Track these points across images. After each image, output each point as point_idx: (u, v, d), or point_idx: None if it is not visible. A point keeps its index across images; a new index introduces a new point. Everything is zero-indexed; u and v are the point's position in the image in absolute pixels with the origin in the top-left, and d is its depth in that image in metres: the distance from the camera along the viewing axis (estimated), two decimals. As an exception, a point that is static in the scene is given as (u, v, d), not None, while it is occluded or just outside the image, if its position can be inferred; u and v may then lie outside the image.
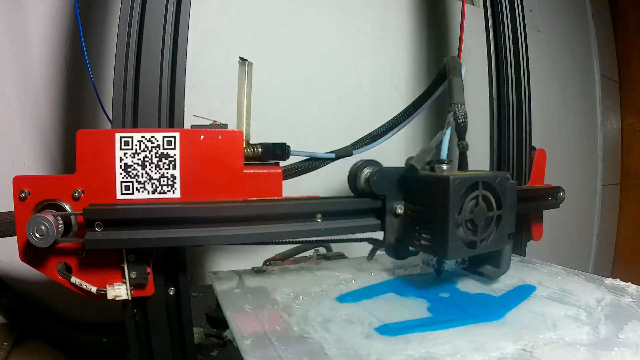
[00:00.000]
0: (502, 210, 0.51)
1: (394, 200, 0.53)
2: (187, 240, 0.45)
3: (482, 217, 0.49)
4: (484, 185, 0.49)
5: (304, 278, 0.60)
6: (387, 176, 0.53)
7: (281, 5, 1.00)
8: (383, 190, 0.53)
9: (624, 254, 1.97)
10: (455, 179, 0.46)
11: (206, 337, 0.68)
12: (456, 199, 0.47)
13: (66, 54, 0.80)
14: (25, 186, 0.44)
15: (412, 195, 0.53)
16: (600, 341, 0.40)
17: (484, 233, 0.50)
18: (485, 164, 0.89)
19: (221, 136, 0.49)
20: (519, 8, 0.86)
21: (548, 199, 0.79)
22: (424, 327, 0.43)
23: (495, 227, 0.51)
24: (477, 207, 0.49)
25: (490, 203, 0.50)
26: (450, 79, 0.57)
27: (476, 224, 0.49)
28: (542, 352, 0.38)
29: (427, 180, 0.50)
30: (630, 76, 1.95)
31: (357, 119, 1.06)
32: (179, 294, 0.51)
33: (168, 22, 0.51)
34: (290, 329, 0.43)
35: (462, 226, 0.48)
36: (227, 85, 0.66)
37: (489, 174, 0.51)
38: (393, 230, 0.54)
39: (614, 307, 0.48)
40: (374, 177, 0.52)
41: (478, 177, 0.49)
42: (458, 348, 0.38)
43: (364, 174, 0.54)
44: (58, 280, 0.46)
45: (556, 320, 0.45)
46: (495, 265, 0.55)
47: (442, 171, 0.51)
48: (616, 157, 1.98)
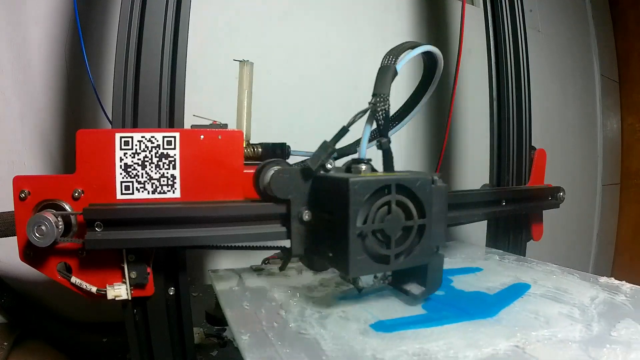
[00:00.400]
0: (426, 219, 0.43)
1: (301, 204, 0.46)
2: (187, 240, 0.45)
3: (397, 227, 0.42)
4: (398, 189, 0.42)
5: (302, 276, 0.61)
6: (293, 177, 0.46)
7: (281, 5, 1.00)
8: (287, 194, 0.46)
9: (624, 254, 1.97)
10: (357, 182, 0.40)
11: (206, 337, 0.68)
12: (358, 204, 0.40)
13: (66, 54, 0.80)
14: (25, 186, 0.44)
15: (318, 200, 0.46)
16: (593, 338, 0.40)
17: (401, 246, 0.43)
18: (486, 164, 0.89)
19: (221, 136, 0.49)
20: (519, 8, 0.86)
21: (548, 199, 0.79)
22: (418, 324, 0.43)
23: (417, 238, 0.44)
24: (390, 215, 0.42)
25: (409, 210, 0.43)
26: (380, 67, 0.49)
27: (388, 235, 0.42)
28: (535, 349, 0.38)
29: (328, 183, 0.44)
30: (630, 76, 1.95)
31: (357, 119, 1.06)
32: (179, 293, 0.51)
33: (168, 22, 0.51)
34: (288, 325, 0.43)
35: (368, 237, 0.41)
36: (227, 85, 0.66)
37: (406, 175, 0.43)
38: (301, 239, 0.47)
39: (607, 305, 0.49)
40: (275, 178, 0.45)
41: (389, 179, 0.41)
42: (451, 344, 0.39)
43: (268, 175, 0.47)
44: (58, 280, 0.46)
45: (549, 318, 0.45)
46: (422, 283, 0.48)
47: (358, 172, 0.45)
48: (616, 157, 1.98)
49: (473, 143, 1.27)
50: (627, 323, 0.43)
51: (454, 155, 1.26)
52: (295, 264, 0.67)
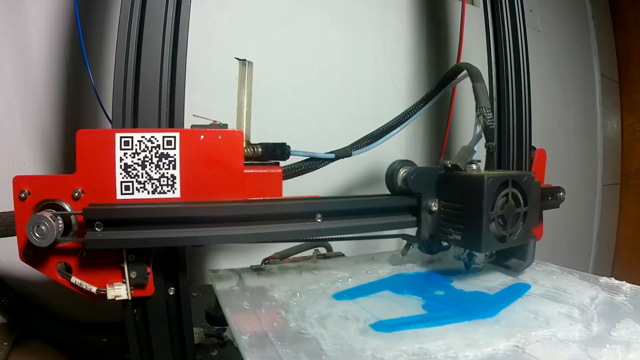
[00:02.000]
0: (528, 206, 0.55)
1: (429, 198, 0.57)
2: (187, 240, 0.45)
3: (511, 213, 0.53)
4: (513, 183, 0.53)
5: (302, 276, 0.61)
6: (423, 175, 0.57)
7: (281, 5, 1.00)
8: (419, 189, 0.56)
9: (624, 254, 1.97)
10: (489, 178, 0.50)
11: (206, 337, 0.68)
12: (489, 196, 0.50)
13: (66, 54, 0.80)
14: (25, 186, 0.44)
15: (446, 193, 0.56)
16: (592, 338, 0.40)
17: (513, 228, 0.54)
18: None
19: (221, 136, 0.49)
20: (519, 8, 0.86)
21: (548, 199, 0.79)
22: (418, 323, 0.44)
23: (522, 222, 0.55)
24: (507, 204, 0.53)
25: (518, 200, 0.54)
26: (474, 85, 0.61)
27: (506, 220, 0.53)
28: (534, 349, 0.38)
29: (463, 179, 0.54)
30: (630, 76, 1.94)
31: (357, 119, 1.07)
32: (179, 294, 0.51)
33: (168, 22, 0.51)
34: (288, 325, 0.43)
35: (494, 221, 0.52)
36: (227, 85, 0.66)
37: (517, 173, 0.55)
38: (427, 226, 0.57)
39: (607, 305, 0.49)
40: (411, 177, 0.56)
41: (508, 175, 0.53)
42: (451, 344, 0.39)
43: (401, 174, 0.58)
44: (58, 280, 0.46)
45: (549, 318, 0.45)
46: (521, 258, 0.59)
47: (473, 171, 0.55)
48: (616, 157, 1.98)
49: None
50: (627, 323, 0.43)
51: (454, 155, 1.26)
52: (296, 265, 0.67)
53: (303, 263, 0.69)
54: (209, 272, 0.63)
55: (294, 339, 0.40)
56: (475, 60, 1.11)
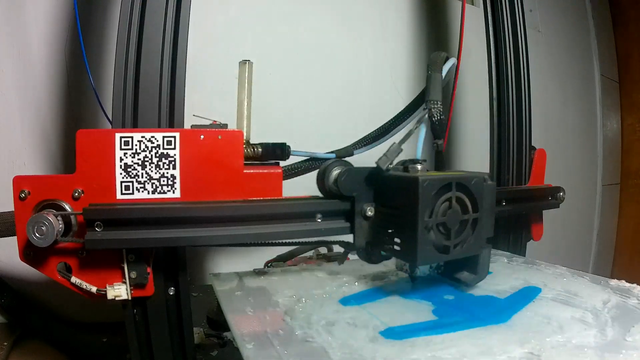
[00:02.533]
0: (479, 213, 0.48)
1: (364, 201, 0.51)
2: (187, 240, 0.45)
3: (456, 221, 0.47)
4: (457, 186, 0.47)
5: (306, 280, 0.59)
6: (357, 177, 0.50)
7: (281, 5, 1.00)
8: (352, 192, 0.50)
9: (624, 254, 1.97)
10: (425, 180, 0.44)
11: (206, 337, 0.68)
12: (426, 200, 0.44)
13: (66, 54, 0.80)
14: (25, 186, 0.44)
15: (382, 197, 0.50)
16: (608, 344, 0.40)
17: (458, 237, 0.47)
18: (486, 163, 0.89)
19: (221, 136, 0.49)
20: (519, 8, 0.86)
21: (548, 199, 0.79)
22: (429, 330, 0.42)
23: (471, 231, 0.48)
24: (450, 209, 0.46)
25: (466, 205, 0.48)
26: (428, 75, 0.55)
27: (449, 228, 0.46)
28: (550, 356, 0.37)
29: (397, 181, 0.48)
30: (630, 76, 1.94)
31: (357, 119, 1.06)
32: (179, 294, 0.51)
33: (168, 22, 0.51)
34: (293, 332, 0.42)
35: (433, 230, 0.45)
36: (227, 85, 0.66)
37: (464, 174, 0.48)
38: (363, 233, 0.51)
39: (620, 309, 0.48)
40: (342, 178, 0.49)
41: (451, 177, 0.46)
42: (464, 352, 0.38)
43: (333, 175, 0.51)
44: (58, 280, 0.46)
45: (563, 323, 0.44)
46: (473, 271, 0.52)
47: (416, 171, 0.48)
48: (616, 157, 1.98)
49: (473, 143, 1.27)
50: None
51: (454, 155, 1.26)
52: (299, 268, 0.67)
53: (307, 266, 0.68)
54: (210, 275, 0.62)
55: (300, 347, 0.39)
56: (475, 60, 1.11)
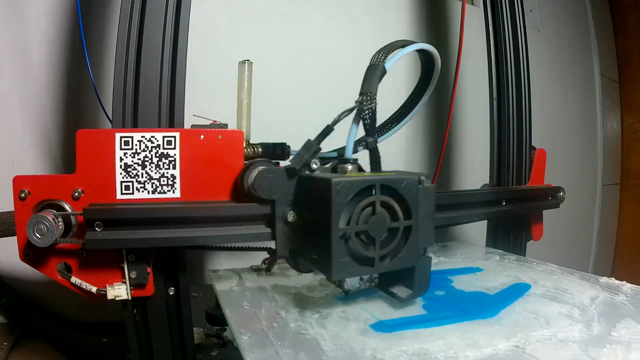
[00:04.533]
0: (413, 220, 0.42)
1: (285, 205, 0.46)
2: (187, 240, 0.45)
3: (382, 229, 0.41)
4: (383, 189, 0.41)
5: (302, 276, 0.61)
6: (277, 178, 0.45)
7: (281, 5, 1.00)
8: (271, 194, 0.45)
9: (624, 254, 1.97)
10: (339, 182, 0.39)
11: (206, 337, 0.68)
12: (340, 206, 0.39)
13: (66, 54, 0.80)
14: (25, 186, 0.44)
15: (301, 201, 0.45)
16: (593, 338, 0.41)
17: (386, 248, 0.42)
18: (486, 164, 0.89)
19: (221, 136, 0.49)
20: (519, 8, 0.86)
21: (548, 199, 0.79)
22: (418, 324, 0.43)
23: (404, 240, 0.43)
24: (374, 216, 0.41)
25: (395, 212, 0.42)
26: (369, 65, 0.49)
27: (373, 237, 0.41)
28: (534, 349, 0.38)
29: (312, 183, 0.43)
30: (630, 76, 1.94)
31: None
32: (179, 294, 0.51)
33: (168, 22, 0.51)
34: (288, 325, 0.44)
35: (352, 239, 0.40)
36: (227, 85, 0.66)
37: (392, 176, 0.42)
38: (286, 240, 0.46)
39: (607, 305, 0.49)
40: (259, 179, 0.45)
41: (373, 179, 0.41)
42: (451, 344, 0.39)
43: (252, 175, 0.46)
44: (58, 280, 0.46)
45: (549, 318, 0.45)
46: (409, 285, 0.46)
47: (344, 172, 0.44)
48: (616, 157, 1.98)
49: (473, 143, 1.27)
50: (627, 323, 0.43)
51: (454, 155, 1.26)
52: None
53: None
54: (209, 272, 0.63)
55: (294, 339, 0.40)
56: (475, 60, 1.11)
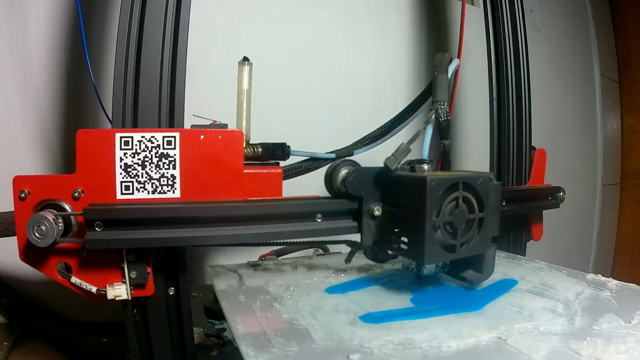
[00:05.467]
0: (484, 212, 0.49)
1: (371, 201, 0.51)
2: (187, 240, 0.45)
3: (463, 220, 0.47)
4: (464, 186, 0.47)
5: (297, 271, 0.63)
6: (365, 176, 0.51)
7: (281, 5, 1.00)
8: (359, 191, 0.51)
9: (624, 254, 1.97)
10: (433, 180, 0.44)
11: (206, 337, 0.68)
12: (434, 200, 0.45)
13: (66, 54, 0.80)
14: (25, 186, 0.44)
15: (390, 197, 0.51)
16: (574, 331, 0.42)
17: (465, 236, 0.48)
18: (486, 163, 0.89)
19: (221, 136, 0.49)
20: (519, 8, 0.86)
21: (548, 199, 0.79)
22: (405, 316, 0.45)
23: (477, 230, 0.49)
24: (457, 209, 0.47)
25: (472, 205, 0.48)
26: (434, 76, 0.55)
27: (456, 227, 0.47)
28: (516, 340, 0.40)
29: (405, 181, 0.48)
30: (630, 76, 1.94)
31: (357, 119, 1.06)
32: (179, 294, 0.51)
33: (168, 22, 0.51)
34: (281, 316, 0.46)
35: (440, 229, 0.46)
36: (227, 85, 0.66)
37: (470, 174, 0.48)
38: (370, 232, 0.52)
39: (592, 300, 0.50)
40: (350, 178, 0.50)
41: (458, 177, 0.47)
42: (435, 335, 0.41)
43: (341, 174, 0.52)
44: (58, 280, 0.46)
45: (533, 312, 0.46)
46: (478, 270, 0.53)
47: (423, 171, 0.49)
48: (616, 157, 1.98)
49: (473, 143, 1.27)
50: (610, 318, 0.44)
51: (454, 155, 1.26)
52: (290, 260, 0.68)
53: (298, 259, 0.71)
54: (207, 267, 0.65)
55: (286, 328, 0.42)
56: (475, 60, 1.11)
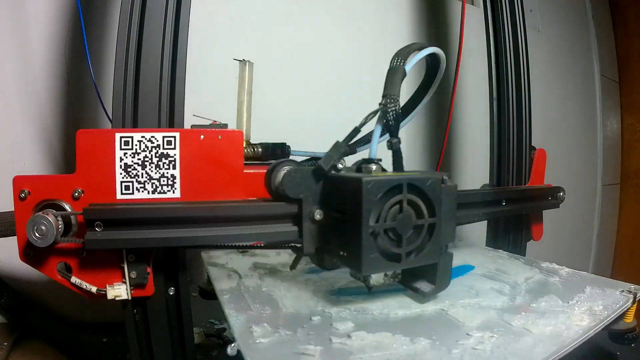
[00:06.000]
0: (436, 218, 0.44)
1: (312, 204, 0.46)
2: (187, 240, 0.45)
3: (408, 226, 0.43)
4: (409, 188, 0.42)
5: (280, 256, 0.68)
6: (304, 177, 0.46)
7: (281, 5, 1.00)
8: (298, 193, 0.46)
9: (624, 254, 1.97)
10: (370, 181, 0.40)
11: (206, 337, 0.68)
12: (370, 204, 0.40)
13: (66, 54, 0.80)
14: (25, 186, 0.44)
15: (329, 200, 0.46)
16: (512, 307, 0.46)
17: (412, 244, 0.44)
18: (486, 164, 0.89)
19: (221, 136, 0.49)
20: (519, 8, 0.86)
21: (548, 199, 0.79)
22: (366, 293, 0.50)
23: (428, 237, 0.44)
24: (401, 214, 0.42)
25: (420, 210, 0.43)
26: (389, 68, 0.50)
27: (400, 234, 0.42)
28: (456, 312, 0.45)
29: (341, 182, 0.44)
30: (630, 76, 1.95)
31: (357, 118, 1.06)
32: (179, 294, 0.51)
33: (168, 22, 0.51)
34: (261, 290, 0.53)
35: (380, 236, 0.42)
36: (227, 85, 0.66)
37: (418, 175, 0.44)
38: (312, 238, 0.47)
39: (539, 284, 0.54)
40: (287, 178, 0.45)
41: (401, 178, 0.42)
42: (387, 305, 0.47)
43: (280, 174, 0.47)
44: (58, 280, 0.46)
45: (480, 291, 0.51)
46: (431, 281, 0.48)
47: (369, 172, 0.45)
48: (616, 157, 1.98)
49: (473, 143, 1.27)
50: (550, 298, 0.47)
51: (454, 155, 1.26)
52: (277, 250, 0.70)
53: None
54: (202, 253, 0.70)
55: (263, 298, 0.50)
56: (475, 60, 1.11)
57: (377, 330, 0.40)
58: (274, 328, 0.41)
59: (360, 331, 0.40)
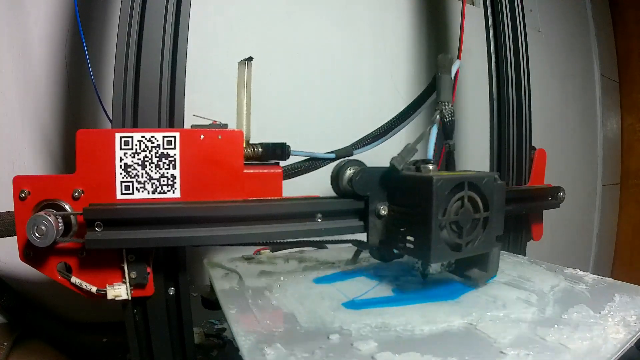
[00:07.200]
0: (489, 212, 0.49)
1: (377, 201, 0.52)
2: (187, 240, 0.45)
3: (468, 219, 0.48)
4: (469, 186, 0.47)
5: (289, 264, 0.66)
6: (371, 176, 0.51)
7: (281, 5, 1.00)
8: (366, 191, 0.51)
9: (624, 254, 1.97)
10: (439, 180, 0.45)
11: (206, 337, 0.68)
12: (440, 200, 0.45)
13: (66, 54, 0.80)
14: (25, 186, 0.44)
15: (396, 196, 0.51)
16: (543, 320, 0.44)
17: (470, 235, 0.48)
18: (486, 164, 0.89)
19: (221, 136, 0.49)
20: (519, 8, 0.86)
21: (548, 199, 0.79)
22: (385, 303, 0.49)
23: (482, 229, 0.49)
24: (463, 208, 0.47)
25: (477, 204, 0.48)
26: (438, 77, 0.56)
27: (461, 226, 0.47)
28: (485, 326, 0.42)
29: (411, 181, 0.49)
30: (630, 76, 1.95)
31: (357, 119, 1.06)
32: (179, 294, 0.51)
33: (168, 22, 0.51)
34: (270, 302, 0.50)
35: (446, 228, 0.46)
36: (227, 85, 0.66)
37: (476, 174, 0.49)
38: (377, 232, 0.52)
39: (566, 292, 0.52)
40: (356, 177, 0.51)
41: (463, 177, 0.47)
42: (410, 320, 0.44)
43: (347, 174, 0.52)
44: (58, 280, 0.46)
45: (507, 302, 0.48)
46: (483, 268, 0.53)
47: (428, 171, 0.49)
48: (616, 157, 1.98)
49: (473, 143, 1.27)
50: (580, 308, 0.45)
51: (454, 155, 1.26)
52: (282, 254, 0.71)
53: (290, 253, 0.73)
54: (205, 260, 0.68)
55: (274, 313, 0.46)
56: (475, 60, 1.11)
57: (403, 350, 0.37)
58: (289, 350, 0.37)
59: (385, 352, 0.37)
